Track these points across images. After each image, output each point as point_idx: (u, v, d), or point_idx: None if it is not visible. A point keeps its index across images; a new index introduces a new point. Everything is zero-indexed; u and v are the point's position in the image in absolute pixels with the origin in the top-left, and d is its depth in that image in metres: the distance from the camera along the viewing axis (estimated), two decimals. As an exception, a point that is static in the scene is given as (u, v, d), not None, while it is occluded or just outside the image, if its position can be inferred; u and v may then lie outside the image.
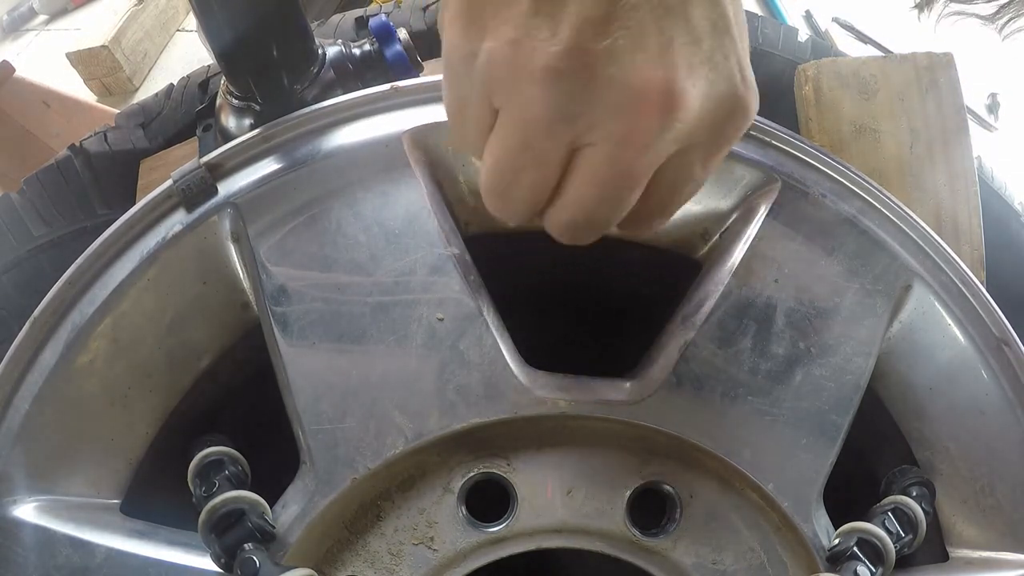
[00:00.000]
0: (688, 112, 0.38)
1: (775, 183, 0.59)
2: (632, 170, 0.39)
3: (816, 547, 0.57)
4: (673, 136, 0.38)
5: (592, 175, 0.40)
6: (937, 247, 0.61)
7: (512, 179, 0.41)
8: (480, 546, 0.55)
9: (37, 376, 0.54)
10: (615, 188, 0.40)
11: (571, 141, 0.39)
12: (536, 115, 0.38)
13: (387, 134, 0.56)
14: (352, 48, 0.65)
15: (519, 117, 0.39)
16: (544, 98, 0.37)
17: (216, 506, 0.51)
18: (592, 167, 0.39)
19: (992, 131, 2.28)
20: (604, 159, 0.39)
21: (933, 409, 0.62)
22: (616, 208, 0.41)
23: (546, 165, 0.40)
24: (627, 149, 0.38)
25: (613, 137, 0.38)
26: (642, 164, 0.39)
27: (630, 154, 0.38)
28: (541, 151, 0.39)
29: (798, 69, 0.76)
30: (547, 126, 0.38)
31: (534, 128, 0.39)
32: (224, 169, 0.56)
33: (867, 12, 2.52)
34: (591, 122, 0.38)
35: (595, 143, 0.39)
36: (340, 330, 0.53)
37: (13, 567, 0.53)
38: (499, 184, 0.42)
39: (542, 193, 0.42)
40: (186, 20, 2.64)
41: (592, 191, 0.40)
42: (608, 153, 0.39)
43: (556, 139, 0.39)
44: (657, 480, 0.57)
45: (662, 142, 0.38)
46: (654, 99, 0.37)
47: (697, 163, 0.42)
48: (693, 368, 0.55)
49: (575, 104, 0.37)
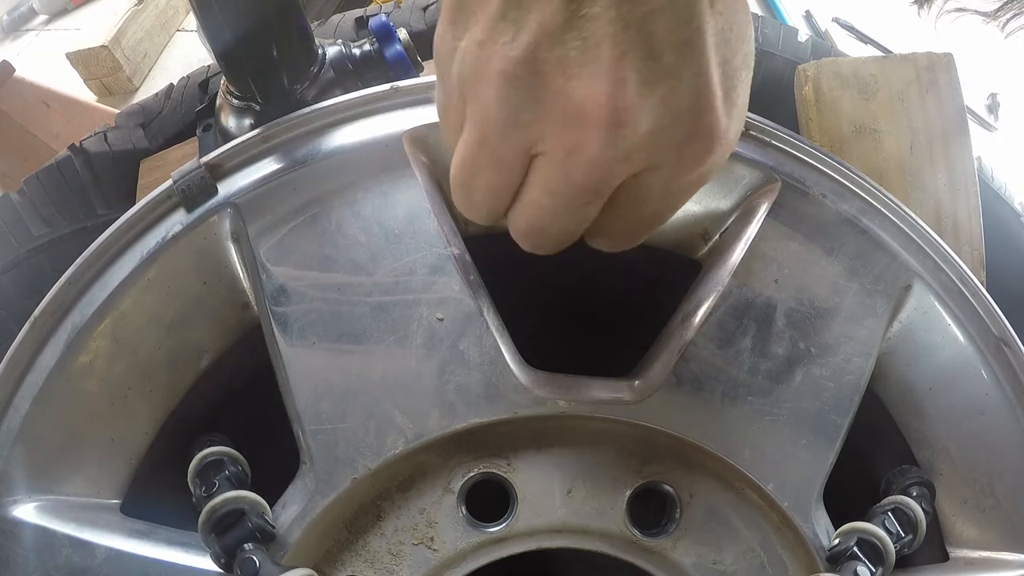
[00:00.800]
0: (634, 130, 0.36)
1: (775, 183, 0.59)
2: (582, 183, 0.39)
3: (816, 547, 0.57)
4: (620, 154, 0.37)
5: (544, 183, 0.40)
6: (937, 247, 0.61)
7: (471, 178, 0.42)
8: (480, 546, 0.55)
9: (37, 376, 0.54)
10: (566, 199, 0.40)
11: (525, 147, 0.39)
12: (490, 117, 0.38)
13: (387, 134, 0.56)
14: (352, 48, 0.65)
15: (477, 117, 0.39)
16: (497, 101, 0.37)
17: (216, 506, 0.51)
18: (544, 175, 0.39)
19: (992, 131, 2.28)
20: (554, 169, 0.39)
21: (933, 409, 0.62)
22: (571, 220, 0.41)
23: (502, 168, 0.40)
24: (575, 162, 0.38)
25: (562, 147, 0.38)
26: (592, 179, 0.38)
27: (577, 167, 0.38)
28: (496, 153, 0.40)
29: (798, 69, 0.76)
30: (500, 129, 0.38)
31: (489, 130, 0.39)
32: (224, 169, 0.56)
33: (867, 12, 2.52)
34: (541, 131, 0.38)
35: (546, 152, 0.38)
36: (340, 330, 0.53)
37: (13, 567, 0.53)
38: (461, 182, 0.43)
39: (501, 195, 0.42)
40: (186, 20, 2.65)
41: (545, 199, 0.40)
42: (557, 164, 0.38)
43: (510, 143, 0.39)
44: (657, 480, 0.57)
45: (608, 159, 0.37)
46: (597, 113, 0.36)
47: (656, 186, 0.40)
48: (693, 368, 0.55)
49: (525, 111, 0.37)
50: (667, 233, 0.61)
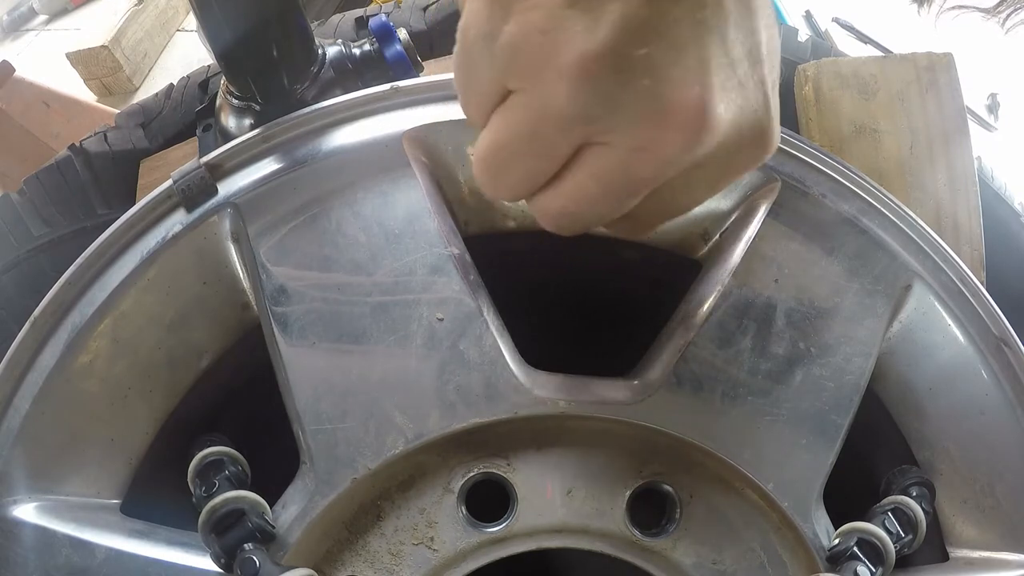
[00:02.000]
0: (714, 134, 0.37)
1: (775, 183, 0.59)
2: (642, 179, 0.39)
3: (816, 547, 0.57)
4: (697, 157, 0.38)
5: (599, 174, 0.39)
6: (937, 247, 0.61)
7: (509, 161, 0.40)
8: (480, 546, 0.55)
9: (37, 376, 0.54)
10: (618, 192, 0.39)
11: (584, 139, 0.38)
12: (556, 110, 0.37)
13: (387, 134, 0.56)
14: (352, 48, 0.65)
15: (536, 106, 0.38)
16: (569, 95, 0.36)
17: (216, 506, 0.51)
18: (601, 166, 0.39)
19: (992, 131, 2.28)
20: (616, 162, 0.38)
21: (933, 409, 0.62)
22: (613, 210, 0.41)
23: (550, 158, 0.39)
24: (644, 159, 0.37)
25: (633, 144, 0.37)
26: (656, 176, 0.38)
27: (645, 164, 0.38)
28: (550, 144, 0.38)
29: (798, 69, 0.76)
30: (565, 122, 0.37)
31: (550, 121, 0.37)
32: (224, 169, 0.56)
33: (867, 12, 2.52)
34: (612, 125, 0.37)
35: (611, 144, 0.38)
36: (340, 330, 0.53)
37: (13, 567, 0.53)
38: (494, 162, 0.41)
39: (538, 180, 0.41)
40: (186, 20, 2.65)
41: (594, 189, 0.39)
42: (622, 158, 0.38)
43: (569, 136, 0.38)
44: (657, 480, 0.57)
45: (685, 160, 0.38)
46: (686, 115, 0.36)
47: (703, 183, 0.41)
48: (693, 368, 0.55)
49: (600, 107, 0.36)
50: (667, 233, 0.61)
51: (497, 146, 0.40)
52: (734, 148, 0.39)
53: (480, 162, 0.42)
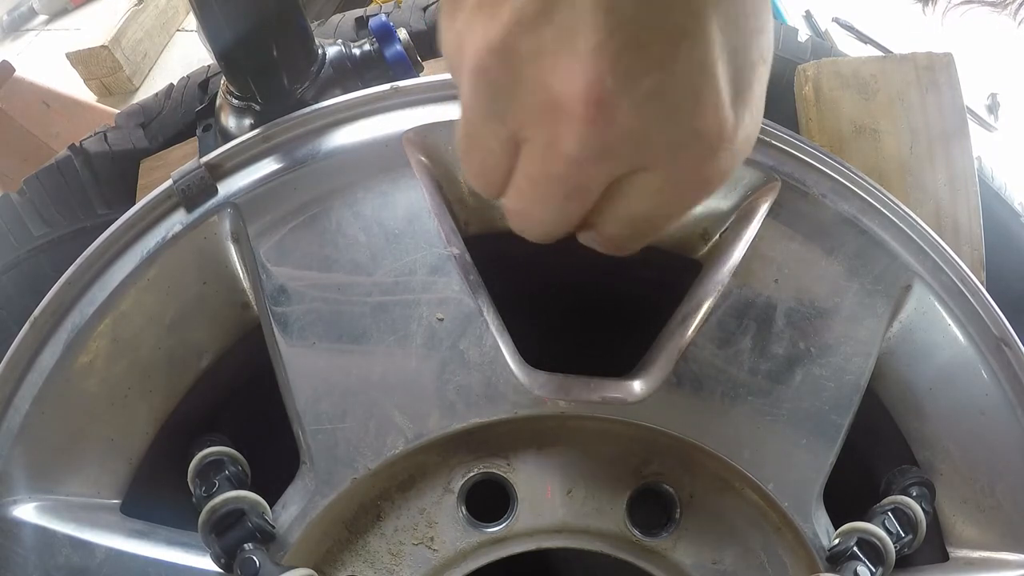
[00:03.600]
0: (612, 126, 0.33)
1: (775, 183, 0.59)
2: (561, 178, 0.37)
3: (816, 547, 0.57)
4: (596, 152, 0.34)
5: (527, 171, 0.38)
6: (937, 247, 0.61)
7: (466, 155, 0.41)
8: (480, 546, 0.55)
9: (37, 376, 0.54)
10: (547, 191, 0.38)
11: (508, 134, 0.37)
12: (468, 106, 0.37)
13: (387, 134, 0.56)
14: (352, 48, 0.65)
15: (463, 103, 0.38)
16: (471, 92, 0.36)
17: (216, 506, 0.51)
18: (527, 163, 0.38)
19: (992, 131, 2.28)
20: (535, 159, 0.37)
21: (933, 409, 0.62)
22: (555, 213, 0.40)
23: (489, 152, 0.39)
24: (553, 155, 0.36)
25: (540, 139, 0.36)
26: (570, 174, 0.36)
27: (556, 161, 0.36)
28: (480, 139, 0.39)
29: (798, 69, 0.76)
30: (479, 118, 0.37)
31: (471, 117, 0.38)
32: (224, 169, 0.56)
33: (867, 12, 2.52)
34: (520, 120, 0.36)
35: (529, 140, 0.37)
36: (340, 330, 0.53)
37: (13, 567, 0.53)
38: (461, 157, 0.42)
39: (492, 176, 0.40)
40: (186, 20, 2.65)
41: (527, 188, 0.39)
42: (538, 154, 0.37)
43: (490, 131, 0.38)
44: (657, 480, 0.57)
45: (586, 156, 0.35)
46: (571, 107, 0.33)
47: (650, 190, 0.37)
48: (693, 368, 0.55)
49: (499, 101, 0.35)
50: (667, 233, 0.61)
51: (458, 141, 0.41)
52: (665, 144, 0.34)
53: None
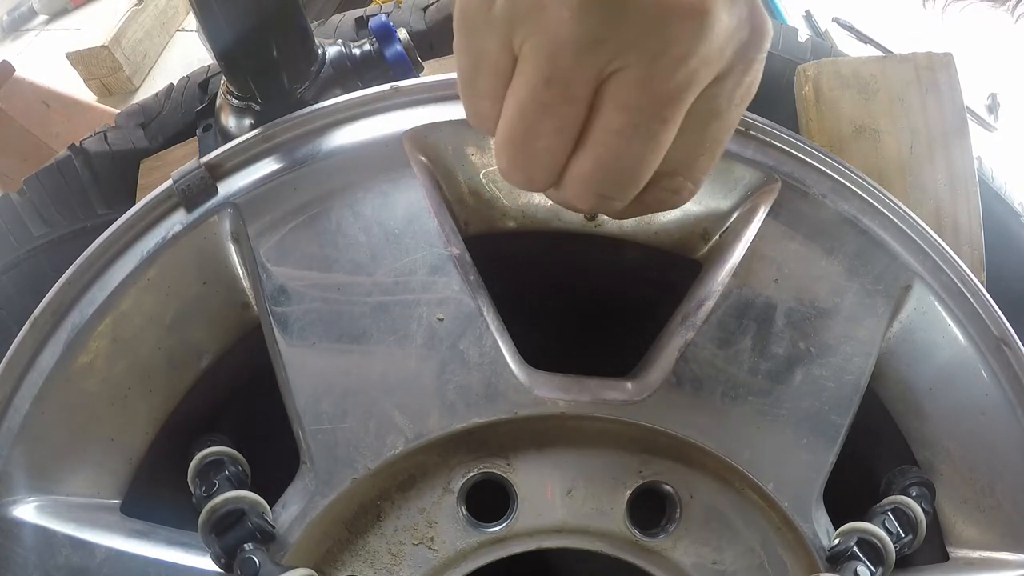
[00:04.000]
0: (719, 24, 0.37)
1: (775, 183, 0.59)
2: (665, 92, 0.38)
3: (816, 547, 0.57)
4: (705, 53, 0.37)
5: (624, 101, 0.38)
6: (937, 247, 0.61)
7: (533, 123, 0.39)
8: (480, 546, 0.55)
9: (37, 376, 0.54)
10: (647, 116, 0.38)
11: (600, 69, 0.37)
12: (564, 39, 0.36)
13: (387, 134, 0.56)
14: (352, 48, 0.65)
15: (545, 49, 0.37)
16: (573, 19, 0.36)
17: (216, 506, 0.51)
18: (622, 92, 0.38)
19: (992, 131, 2.28)
20: (635, 81, 0.37)
21: (933, 409, 0.62)
22: (646, 146, 0.39)
23: (572, 100, 0.38)
24: (660, 66, 0.37)
25: (646, 55, 0.37)
26: (675, 86, 0.38)
27: (663, 72, 0.37)
28: (568, 82, 0.38)
29: (798, 69, 0.76)
30: (576, 51, 0.37)
31: (561, 55, 0.37)
32: (224, 169, 0.56)
33: (867, 12, 2.52)
34: (622, 43, 0.36)
35: (626, 66, 0.37)
36: (340, 330, 0.53)
37: (13, 567, 0.53)
38: (518, 134, 0.40)
39: (566, 139, 0.40)
40: (186, 20, 2.65)
41: (623, 120, 0.38)
42: (639, 75, 0.37)
43: (584, 66, 0.37)
44: (657, 480, 0.57)
45: (695, 59, 0.37)
46: (686, 10, 0.36)
47: (723, 95, 0.41)
48: (693, 368, 0.55)
49: (606, 25, 0.36)
50: (667, 233, 0.61)
51: (518, 114, 0.39)
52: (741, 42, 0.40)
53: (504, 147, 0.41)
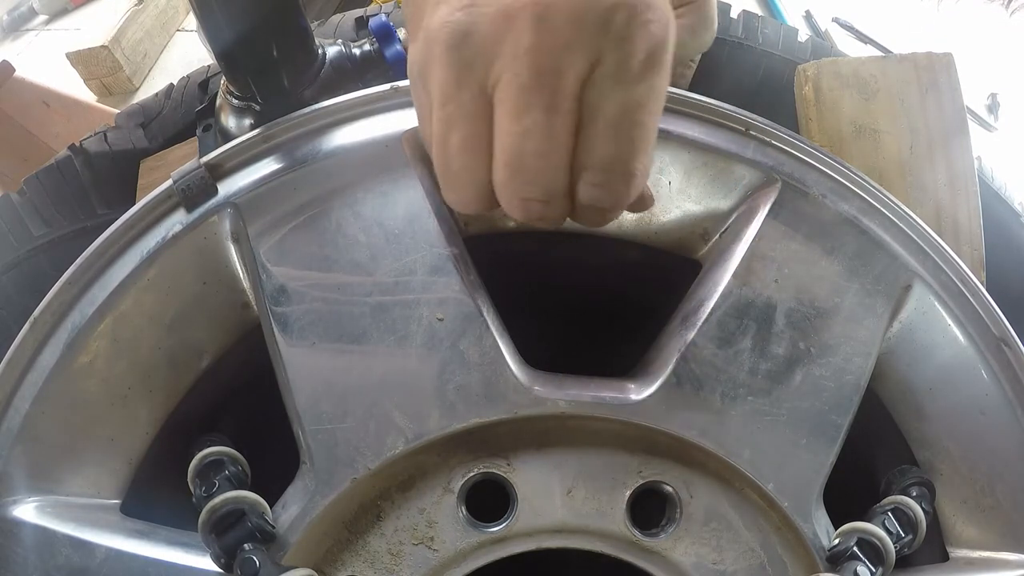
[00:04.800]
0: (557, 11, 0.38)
1: (775, 183, 0.59)
2: (536, 84, 0.39)
3: (816, 547, 0.57)
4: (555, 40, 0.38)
5: (506, 108, 0.40)
6: (937, 247, 0.61)
7: (445, 145, 0.42)
8: (480, 546, 0.55)
9: (37, 376, 0.54)
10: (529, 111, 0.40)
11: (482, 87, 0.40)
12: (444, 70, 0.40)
13: (387, 134, 0.56)
14: (352, 48, 0.65)
15: (435, 80, 0.41)
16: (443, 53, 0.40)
17: (216, 506, 0.51)
18: (503, 100, 0.40)
19: (992, 131, 2.28)
20: (508, 87, 0.40)
21: (933, 409, 0.62)
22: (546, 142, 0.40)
23: (468, 117, 0.41)
24: (520, 66, 0.39)
25: (505, 63, 0.39)
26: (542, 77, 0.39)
27: (525, 68, 0.39)
28: (459, 103, 0.41)
29: (798, 69, 0.76)
30: (455, 76, 0.40)
31: (446, 83, 0.41)
32: (224, 169, 0.56)
33: (867, 12, 2.52)
34: (486, 60, 0.39)
35: (500, 79, 0.40)
36: (340, 330, 0.53)
37: (13, 567, 0.53)
38: (440, 158, 0.43)
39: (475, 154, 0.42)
40: (186, 20, 2.64)
41: (512, 123, 0.40)
42: (510, 79, 0.39)
43: (466, 86, 0.40)
44: (657, 480, 0.57)
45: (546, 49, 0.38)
46: (520, 10, 0.38)
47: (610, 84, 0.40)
48: (693, 368, 0.55)
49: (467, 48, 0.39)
50: (667, 233, 0.61)
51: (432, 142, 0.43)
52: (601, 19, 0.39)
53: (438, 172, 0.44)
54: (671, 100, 0.58)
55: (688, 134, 0.58)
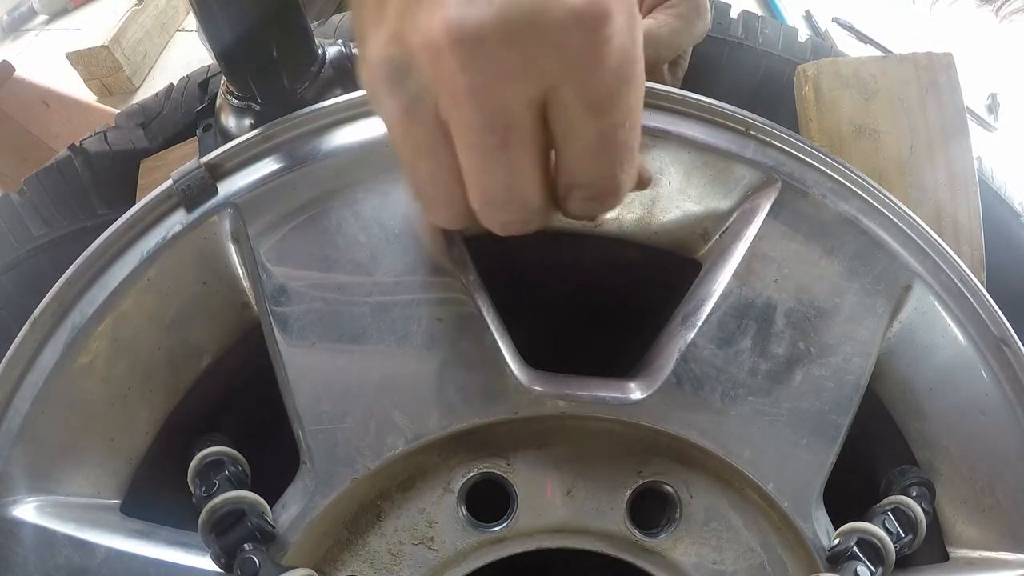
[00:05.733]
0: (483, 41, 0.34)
1: (775, 183, 0.59)
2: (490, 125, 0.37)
3: (816, 547, 0.57)
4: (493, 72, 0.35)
5: (462, 143, 0.38)
6: (937, 247, 0.61)
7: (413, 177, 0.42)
8: (480, 546, 0.55)
9: (37, 376, 0.54)
10: (483, 147, 0.38)
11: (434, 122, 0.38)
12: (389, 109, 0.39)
13: (387, 134, 0.56)
14: (352, 48, 0.65)
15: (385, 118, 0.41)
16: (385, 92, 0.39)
17: (216, 506, 0.51)
18: (458, 137, 0.38)
19: (992, 131, 2.28)
20: (460, 126, 0.38)
21: (933, 409, 0.62)
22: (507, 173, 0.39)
23: (428, 152, 0.40)
24: (465, 107, 0.36)
25: (446, 99, 0.37)
26: (495, 117, 0.37)
27: (471, 111, 0.36)
28: (413, 140, 0.40)
29: (798, 69, 0.76)
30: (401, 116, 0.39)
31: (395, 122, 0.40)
32: (224, 169, 0.56)
33: (867, 12, 2.52)
34: (430, 97, 0.38)
35: (448, 115, 0.38)
36: (340, 330, 0.53)
37: (13, 567, 0.53)
38: (415, 183, 0.43)
39: (445, 179, 0.41)
40: (186, 20, 2.65)
41: (469, 160, 0.39)
42: (457, 119, 0.37)
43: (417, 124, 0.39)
44: (657, 480, 0.57)
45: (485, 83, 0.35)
46: (443, 45, 0.35)
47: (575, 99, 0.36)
48: (693, 368, 0.55)
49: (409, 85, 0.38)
50: (667, 233, 0.61)
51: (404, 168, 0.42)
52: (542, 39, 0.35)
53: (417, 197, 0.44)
54: (671, 100, 0.58)
55: (688, 134, 0.58)
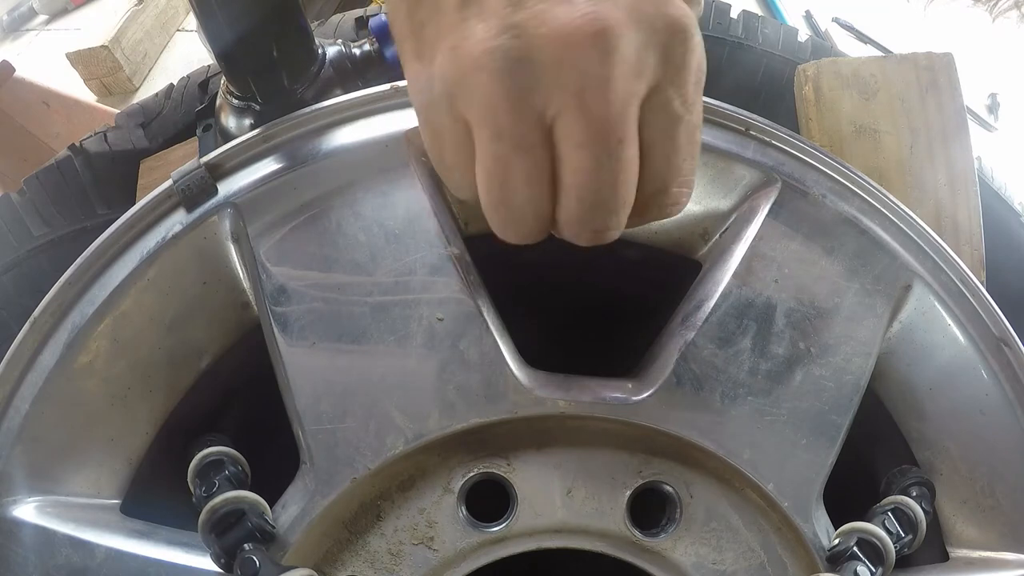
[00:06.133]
0: (621, 37, 0.37)
1: (775, 183, 0.59)
2: (606, 117, 0.38)
3: (816, 547, 0.57)
4: (623, 68, 0.37)
5: (575, 141, 0.39)
6: (937, 247, 0.61)
7: (504, 181, 0.41)
8: (480, 546, 0.55)
9: (37, 376, 0.54)
10: (601, 145, 0.39)
11: (539, 115, 0.38)
12: (495, 101, 0.38)
13: (387, 134, 0.56)
14: (352, 48, 0.65)
15: (484, 112, 0.39)
16: (493, 82, 0.37)
17: (216, 506, 0.51)
18: (570, 134, 0.39)
19: (992, 131, 2.28)
20: (575, 119, 0.38)
21: (933, 409, 0.62)
22: (616, 171, 0.40)
23: (528, 149, 0.39)
24: (587, 97, 0.38)
25: (569, 92, 0.38)
26: (612, 108, 0.38)
27: (593, 101, 0.38)
28: (516, 136, 0.39)
29: (798, 69, 0.76)
30: (510, 108, 0.38)
31: (500, 115, 0.38)
32: (224, 169, 0.56)
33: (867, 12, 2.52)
34: (547, 89, 0.38)
35: (560, 109, 0.38)
36: (340, 330, 0.53)
37: (13, 567, 0.53)
38: (495, 195, 0.41)
39: (538, 188, 0.41)
40: (186, 20, 2.65)
41: (583, 159, 0.39)
42: (574, 112, 0.38)
43: (524, 118, 0.38)
44: (657, 480, 0.57)
45: (616, 78, 0.37)
46: (583, 38, 0.36)
47: (675, 99, 0.40)
48: (693, 368, 0.55)
49: (524, 77, 0.37)
50: (667, 233, 0.61)
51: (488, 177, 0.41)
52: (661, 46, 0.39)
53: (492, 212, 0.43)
54: (671, 100, 0.58)
55: (688, 134, 0.58)
